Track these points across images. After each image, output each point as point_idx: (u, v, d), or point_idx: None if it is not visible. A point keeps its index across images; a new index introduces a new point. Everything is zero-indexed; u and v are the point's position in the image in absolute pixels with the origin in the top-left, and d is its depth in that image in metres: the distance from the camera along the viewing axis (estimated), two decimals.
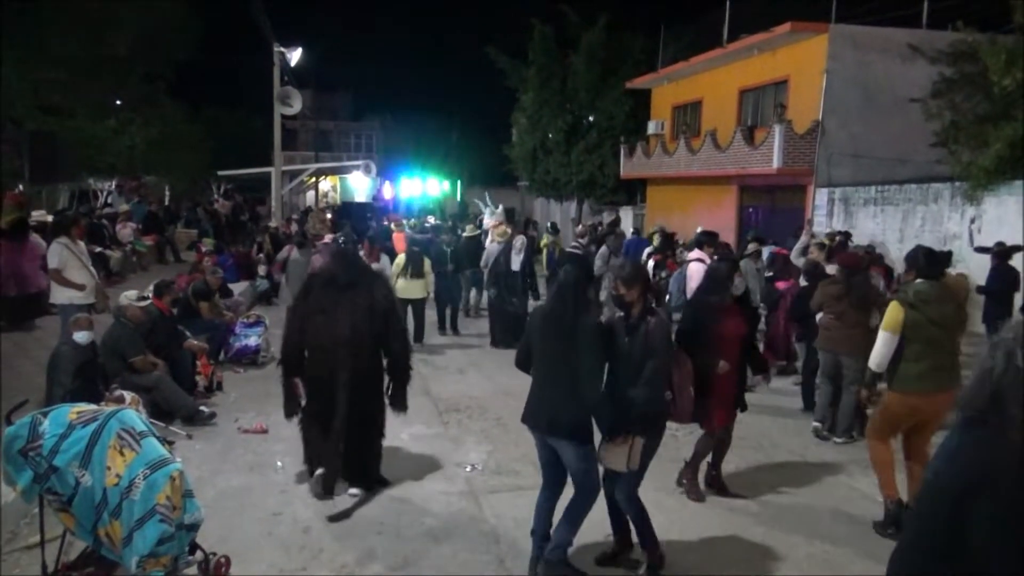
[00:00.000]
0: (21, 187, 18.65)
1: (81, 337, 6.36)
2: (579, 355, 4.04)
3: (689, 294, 7.39)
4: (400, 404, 5.58)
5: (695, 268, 7.98)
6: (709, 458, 5.55)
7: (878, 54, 16.02)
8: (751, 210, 19.66)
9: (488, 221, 14.87)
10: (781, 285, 8.86)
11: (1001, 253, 9.64)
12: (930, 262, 5.01)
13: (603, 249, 13.19)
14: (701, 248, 8.63)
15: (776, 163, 16.56)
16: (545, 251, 15.36)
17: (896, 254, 13.06)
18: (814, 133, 16.55)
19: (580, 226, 15.88)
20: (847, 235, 13.01)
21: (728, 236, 17.91)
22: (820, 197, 16.70)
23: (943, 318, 4.79)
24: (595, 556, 4.46)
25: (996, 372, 1.91)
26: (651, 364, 4.07)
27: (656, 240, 13.22)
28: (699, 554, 4.64)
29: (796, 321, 7.90)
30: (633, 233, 18.46)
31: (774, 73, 18.30)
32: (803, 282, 7.90)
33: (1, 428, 4.01)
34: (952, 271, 12.05)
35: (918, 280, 4.98)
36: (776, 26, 16.95)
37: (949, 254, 6.87)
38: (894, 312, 4.87)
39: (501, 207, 15.89)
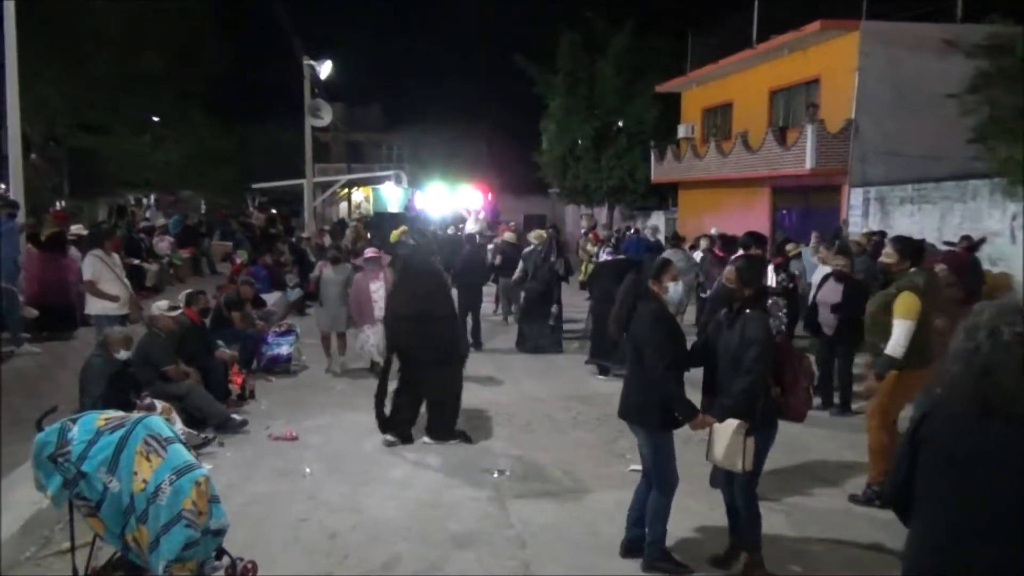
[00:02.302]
0: (63, 203, 19.15)
1: (122, 355, 6.48)
2: (638, 340, 4.24)
3: None
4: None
5: None
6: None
7: (911, 50, 15.70)
8: (784, 212, 19.40)
9: (471, 227, 14.98)
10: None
11: (969, 247, 9.78)
12: (919, 251, 5.49)
13: (672, 251, 13.14)
14: (747, 251, 8.22)
15: (809, 163, 16.32)
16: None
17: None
18: (847, 132, 16.28)
19: (606, 231, 15.78)
20: (882, 235, 12.74)
21: None
22: (855, 197, 16.41)
23: (934, 301, 5.22)
24: (708, 556, 4.46)
25: (983, 351, 2.06)
26: (748, 354, 4.02)
27: (704, 244, 13.14)
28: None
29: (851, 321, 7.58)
30: (632, 233, 18.68)
31: (805, 72, 18.07)
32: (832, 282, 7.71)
33: (30, 435, 4.08)
34: (994, 269, 11.79)
35: (914, 269, 5.33)
36: (806, 25, 16.74)
37: (923, 242, 7.28)
38: (912, 301, 5.11)
39: (483, 213, 16.03)
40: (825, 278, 7.91)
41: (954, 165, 14.46)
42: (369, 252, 9.92)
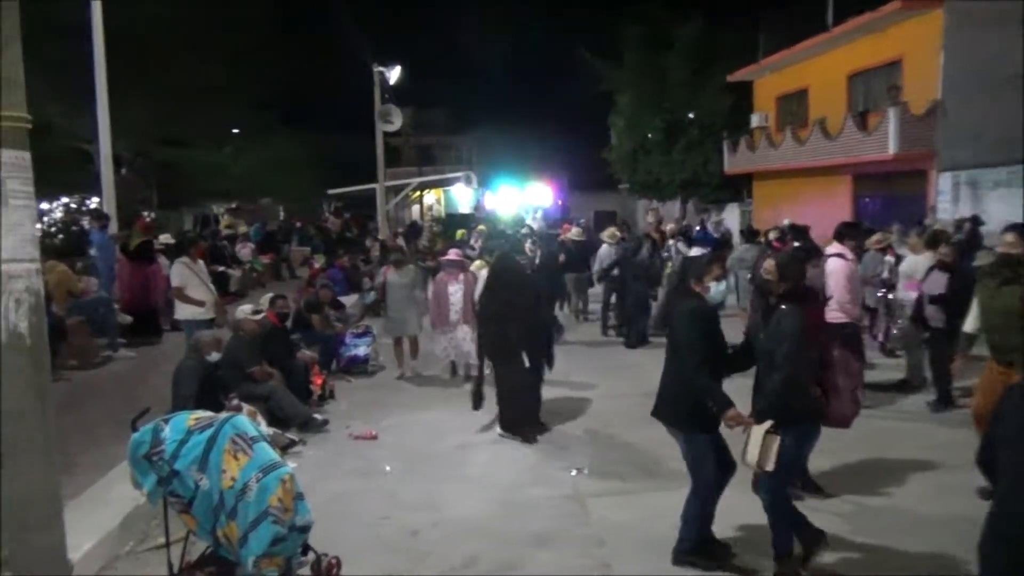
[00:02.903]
0: (152, 214, 20.06)
1: (214, 357, 6.73)
2: (674, 336, 4.25)
3: (830, 293, 6.92)
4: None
5: (835, 265, 7.13)
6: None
7: (1000, 26, 14.80)
8: (867, 200, 18.66)
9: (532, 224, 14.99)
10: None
11: None
12: None
13: (747, 246, 12.80)
14: (841, 241, 7.57)
15: (892, 148, 15.66)
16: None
17: None
18: (933, 114, 15.53)
19: (670, 225, 15.39)
20: (975, 220, 12.11)
21: None
22: (943, 182, 15.64)
23: None
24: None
25: None
26: (780, 351, 3.94)
27: (774, 235, 12.68)
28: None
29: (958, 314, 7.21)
30: (699, 228, 18.64)
31: (885, 54, 17.34)
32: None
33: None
34: None
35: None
36: (885, 4, 16.06)
37: None
38: None
39: (540, 211, 16.29)
40: (930, 269, 7.50)
41: None
42: (451, 254, 9.61)
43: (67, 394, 7.92)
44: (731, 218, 24.44)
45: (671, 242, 12.50)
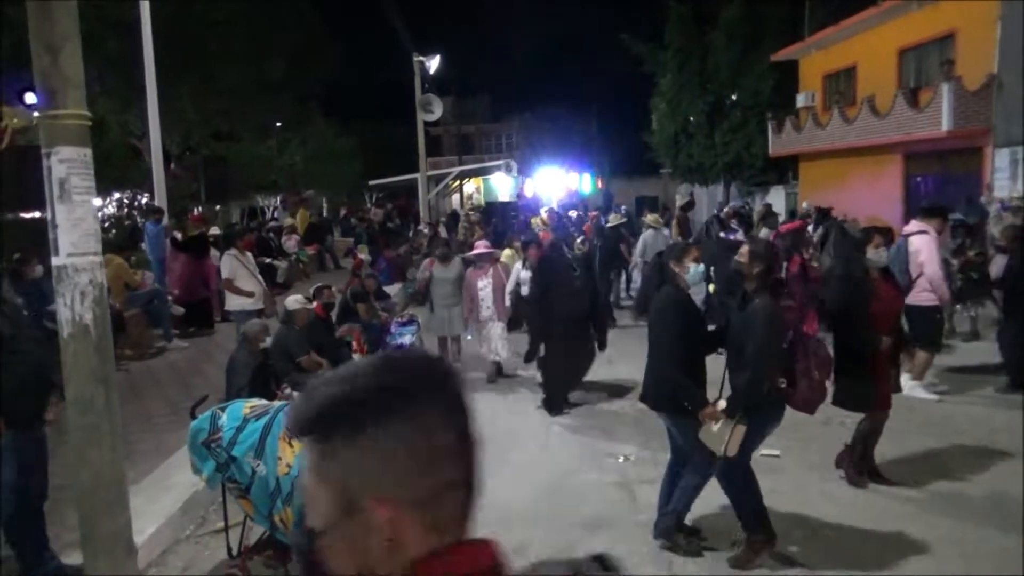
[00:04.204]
0: (200, 208, 20.47)
1: (267, 342, 6.86)
2: (651, 324, 4.35)
3: (915, 271, 6.72)
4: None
5: (919, 242, 6.83)
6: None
7: None
8: (919, 179, 18.12)
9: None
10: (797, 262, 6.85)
11: None
12: None
13: (766, 231, 12.58)
14: (926, 218, 7.09)
15: (945, 125, 15.16)
16: None
17: None
18: (989, 89, 14.98)
19: (727, 209, 15.17)
20: None
21: (894, 209, 16.65)
22: (1000, 159, 15.10)
23: None
24: (732, 539, 4.35)
25: None
26: (749, 347, 3.97)
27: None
28: (860, 544, 4.36)
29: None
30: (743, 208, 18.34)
31: (938, 28, 16.77)
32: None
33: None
34: None
35: None
36: None
37: None
38: None
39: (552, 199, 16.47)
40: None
41: None
42: (479, 246, 9.14)
43: (125, 384, 8.16)
44: (776, 201, 23.97)
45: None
